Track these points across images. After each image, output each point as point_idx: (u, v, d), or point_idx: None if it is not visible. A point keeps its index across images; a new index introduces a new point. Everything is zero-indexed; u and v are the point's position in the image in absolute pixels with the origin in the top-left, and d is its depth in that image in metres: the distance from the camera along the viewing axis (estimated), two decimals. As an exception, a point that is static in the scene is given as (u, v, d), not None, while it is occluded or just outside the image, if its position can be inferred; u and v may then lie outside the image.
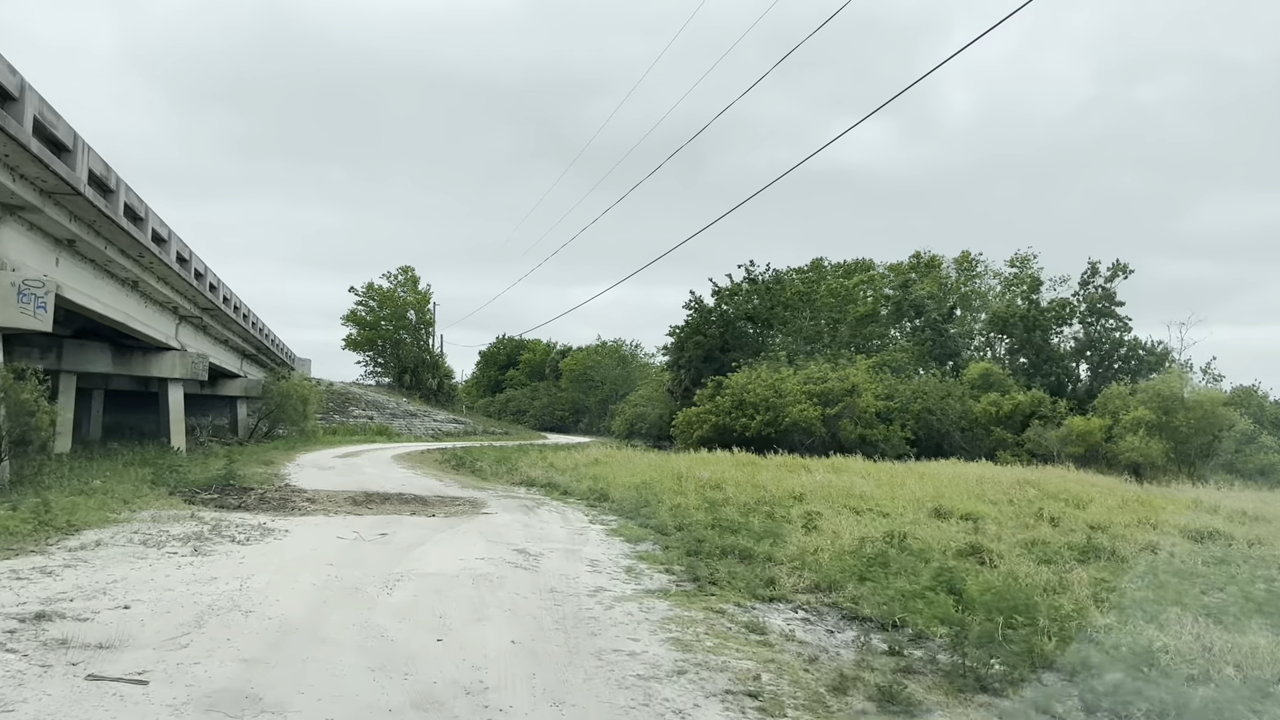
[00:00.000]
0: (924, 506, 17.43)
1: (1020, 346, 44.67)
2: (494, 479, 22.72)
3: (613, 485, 19.00)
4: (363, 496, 16.36)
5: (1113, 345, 43.18)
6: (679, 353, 50.59)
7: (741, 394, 33.09)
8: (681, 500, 16.47)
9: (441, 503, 16.09)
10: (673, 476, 20.26)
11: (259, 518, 12.26)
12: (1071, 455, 34.92)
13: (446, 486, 19.73)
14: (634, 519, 14.63)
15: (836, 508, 16.32)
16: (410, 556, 9.42)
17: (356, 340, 63.80)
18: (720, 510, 15.52)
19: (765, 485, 18.54)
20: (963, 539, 12.32)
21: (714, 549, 10.75)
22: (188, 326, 27.59)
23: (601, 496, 17.84)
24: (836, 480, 19.98)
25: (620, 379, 77.97)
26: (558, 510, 15.73)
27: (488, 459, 29.10)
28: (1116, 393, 38.09)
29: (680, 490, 18.29)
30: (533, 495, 18.75)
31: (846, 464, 23.79)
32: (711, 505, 16.03)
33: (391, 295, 63.10)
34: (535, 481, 21.05)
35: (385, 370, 64.76)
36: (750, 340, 48.87)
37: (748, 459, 24.46)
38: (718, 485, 18.80)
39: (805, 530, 12.87)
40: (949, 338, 49.38)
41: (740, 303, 49.63)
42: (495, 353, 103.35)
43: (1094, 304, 43.68)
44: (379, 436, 46.76)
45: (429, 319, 64.68)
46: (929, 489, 19.72)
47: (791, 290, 52.22)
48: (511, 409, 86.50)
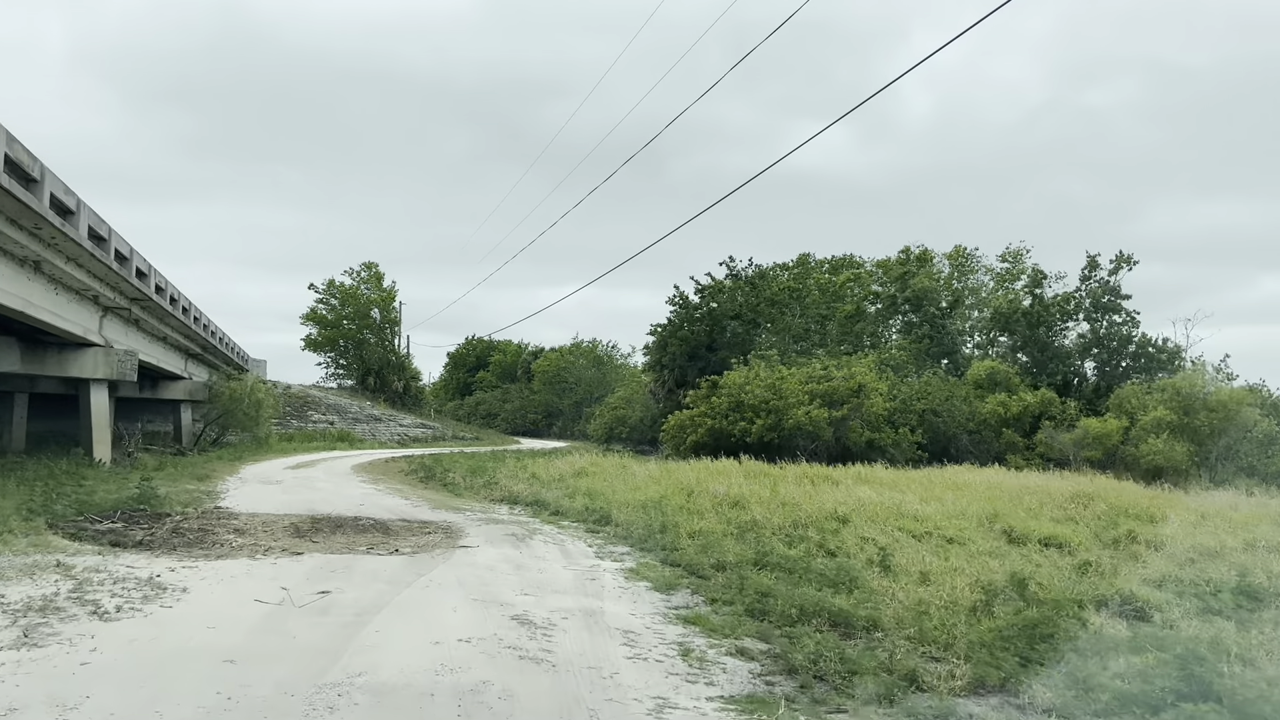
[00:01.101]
0: (988, 527, 14.61)
1: (1024, 344, 42.15)
2: (469, 494, 19.57)
3: (613, 503, 15.95)
4: (308, 523, 13.16)
5: (1121, 342, 40.81)
6: (661, 352, 47.63)
7: (739, 394, 30.15)
8: (702, 524, 13.48)
9: (408, 530, 12.94)
10: (680, 491, 17.26)
11: (156, 564, 9.06)
12: (1088, 459, 32.47)
13: (414, 506, 16.55)
14: (651, 551, 11.61)
15: (889, 531, 13.42)
16: (359, 640, 6.29)
17: (317, 340, 60.00)
18: (752, 537, 12.55)
19: (795, 502, 15.59)
20: (1094, 584, 9.44)
21: (785, 607, 7.76)
22: (115, 320, 24.12)
23: (602, 519, 14.79)
24: (871, 495, 17.08)
25: (595, 381, 74.83)
26: (553, 539, 12.65)
27: (460, 469, 25.92)
28: (1133, 391, 35.72)
29: (694, 509, 15.30)
30: (518, 516, 15.64)
31: (871, 473, 20.91)
32: (740, 531, 13.05)
33: (354, 293, 59.39)
34: (519, 498, 17.92)
35: (348, 372, 61.02)
36: (738, 338, 46.02)
37: (758, 469, 21.51)
38: (738, 503, 15.83)
39: (881, 571, 9.94)
40: (948, 335, 46.88)
41: (726, 299, 46.77)
42: (464, 354, 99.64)
43: (1098, 298, 41.30)
44: (340, 443, 43.26)
45: (394, 318, 61.03)
46: (975, 503, 16.91)
47: (778, 286, 49.52)
48: (482, 412, 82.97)
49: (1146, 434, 32.50)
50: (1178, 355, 41.09)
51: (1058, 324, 42.22)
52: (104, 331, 22.96)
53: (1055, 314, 41.94)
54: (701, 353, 46.58)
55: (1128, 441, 32.97)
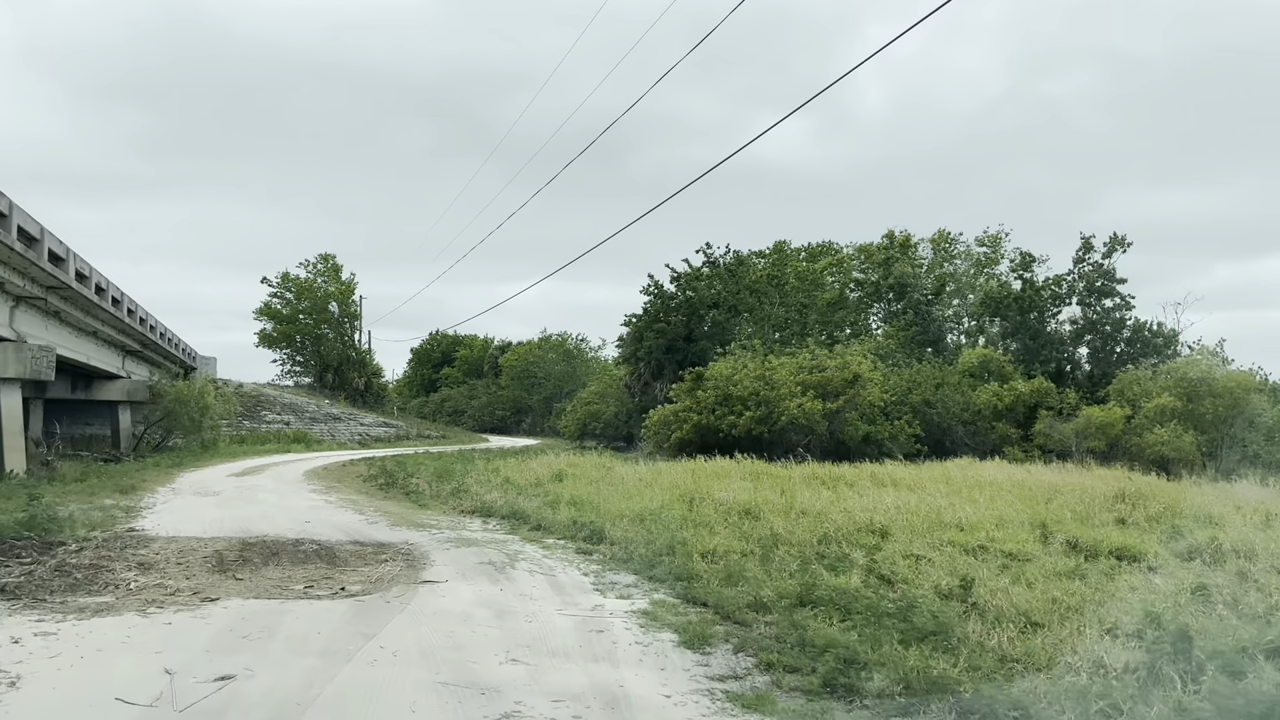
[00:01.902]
0: (1042, 535, 12.53)
1: (1015, 330, 40.46)
2: (435, 504, 17.17)
3: (604, 515, 13.67)
4: (237, 551, 10.74)
5: (1115, 326, 39.27)
6: (636, 344, 45.41)
7: (726, 387, 27.96)
8: (715, 541, 11.25)
9: (360, 558, 10.56)
10: (679, 499, 15.02)
11: (7, 624, 6.63)
12: (1091, 450, 30.76)
13: (370, 523, 14.13)
14: (663, 582, 9.35)
15: (938, 545, 11.28)
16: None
17: (271, 336, 56.85)
18: (782, 558, 10.36)
19: (816, 511, 13.41)
20: (1257, 630, 7.33)
21: (884, 682, 5.54)
22: (31, 311, 21.38)
23: (594, 535, 12.50)
24: (897, 499, 14.96)
25: (566, 375, 72.38)
26: (539, 565, 10.34)
27: (425, 473, 23.50)
28: (1135, 378, 34.12)
29: (700, 520, 13.06)
30: (493, 533, 13.29)
31: (885, 472, 18.76)
32: (764, 550, 10.84)
33: (310, 286, 56.30)
34: (493, 509, 15.56)
35: (305, 369, 57.96)
36: (718, 328, 43.91)
37: (759, 469, 19.33)
38: (749, 512, 13.62)
39: (964, 608, 7.77)
40: (933, 322, 45.11)
41: (703, 288, 44.61)
42: (428, 350, 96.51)
43: (1092, 282, 39.70)
44: (295, 444, 40.47)
45: (354, 311, 58.03)
46: (1011, 506, 14.86)
47: (756, 274, 47.46)
48: (448, 409, 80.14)
49: (1150, 422, 30.92)
50: (1174, 340, 39.66)
51: (1049, 309, 40.61)
52: (15, 324, 20.23)
53: (1047, 298, 40.31)
54: (679, 344, 44.44)
55: (1130, 430, 31.34)
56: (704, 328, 44.91)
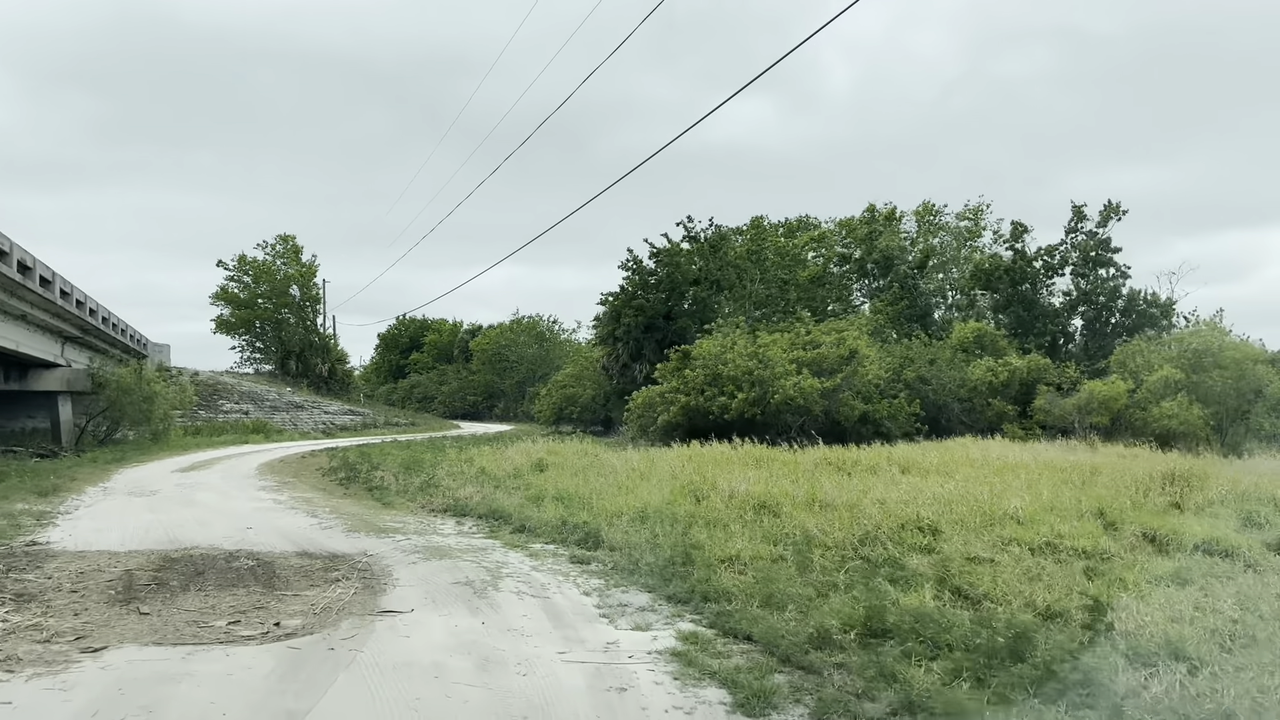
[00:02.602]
0: (1108, 526, 10.83)
1: (1007, 303, 38.98)
2: (402, 501, 15.17)
3: (599, 513, 11.76)
4: (152, 571, 8.72)
5: (1111, 297, 37.92)
6: (614, 323, 43.38)
7: (716, 366, 26.08)
8: (737, 546, 9.40)
9: (305, 577, 8.58)
10: (682, 492, 13.13)
11: None
12: (1095, 426, 29.33)
13: (323, 527, 12.10)
14: (685, 602, 7.49)
15: (999, 544, 9.51)
16: None
17: (229, 322, 54.10)
18: (817, 565, 8.54)
19: (843, 503, 11.59)
20: None
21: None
22: (-59, 294, 19.02)
23: (588, 538, 10.60)
24: (929, 486, 13.19)
25: (539, 359, 70.25)
26: (529, 583, 8.41)
27: (392, 464, 21.47)
28: (1136, 349, 32.76)
29: (710, 517, 11.20)
30: (470, 537, 11.33)
31: (905, 455, 16.96)
32: (798, 556, 9.00)
33: (269, 269, 53.59)
34: (468, 506, 13.58)
35: (266, 356, 55.31)
36: (699, 306, 42.03)
37: (762, 454, 17.49)
38: (765, 505, 11.77)
39: (1093, 640, 5.97)
40: (921, 296, 43.58)
41: (685, 263, 42.67)
42: (396, 335, 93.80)
43: (1086, 251, 38.29)
44: (255, 435, 38.11)
45: (315, 295, 55.38)
46: (1053, 491, 13.17)
47: (736, 250, 45.60)
48: (417, 396, 77.76)
49: (1154, 396, 29.56)
50: (1170, 311, 38.42)
51: (1042, 280, 39.19)
52: (-80, 307, 17.87)
53: (1040, 269, 38.88)
54: (659, 323, 42.49)
55: (1133, 405, 29.96)
56: (684, 306, 43.02)
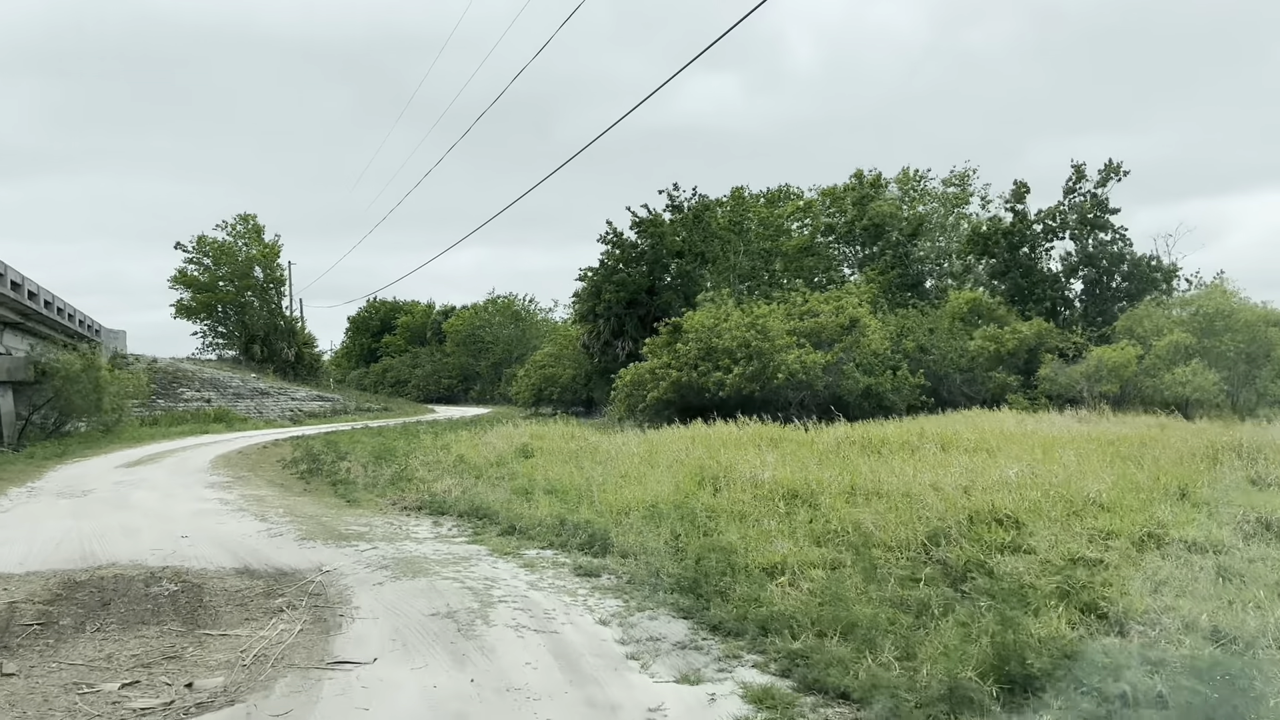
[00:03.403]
0: (1203, 508, 9.16)
1: (1005, 268, 37.39)
2: (370, 497, 13.25)
3: (601, 509, 9.93)
4: (44, 602, 6.79)
5: (1112, 260, 36.44)
6: (594, 299, 41.45)
7: (710, 339, 24.26)
8: (781, 551, 7.61)
9: (240, 607, 6.68)
10: (695, 479, 11.32)
11: None
12: (1104, 395, 27.90)
13: (273, 534, 10.17)
14: (737, 635, 5.69)
15: (1094, 538, 7.79)
16: None
17: (189, 306, 51.57)
18: (889, 575, 6.78)
19: (889, 490, 9.83)
20: None
21: None
22: None
23: (594, 542, 8.76)
24: (982, 466, 11.45)
25: (515, 339, 68.10)
26: (529, 608, 6.56)
27: (361, 453, 19.54)
28: (1144, 313, 31.38)
29: (738, 511, 9.40)
30: (450, 543, 9.45)
31: (940, 430, 15.14)
32: (861, 561, 7.22)
33: (229, 250, 51.03)
34: (446, 503, 11.69)
35: (229, 342, 52.86)
36: (683, 279, 40.21)
37: (773, 433, 15.69)
38: (797, 495, 9.99)
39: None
40: (913, 264, 41.97)
41: (668, 235, 40.78)
42: (367, 318, 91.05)
43: (1085, 213, 36.76)
44: (216, 424, 35.87)
45: (279, 276, 52.87)
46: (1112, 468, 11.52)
47: (718, 221, 43.74)
48: (390, 380, 75.37)
49: (1165, 362, 28.20)
50: (1173, 274, 37.05)
51: (1041, 243, 37.64)
52: None
53: (1039, 232, 37.31)
54: (642, 298, 40.61)
55: (1143, 371, 28.59)
56: (668, 279, 41.18)
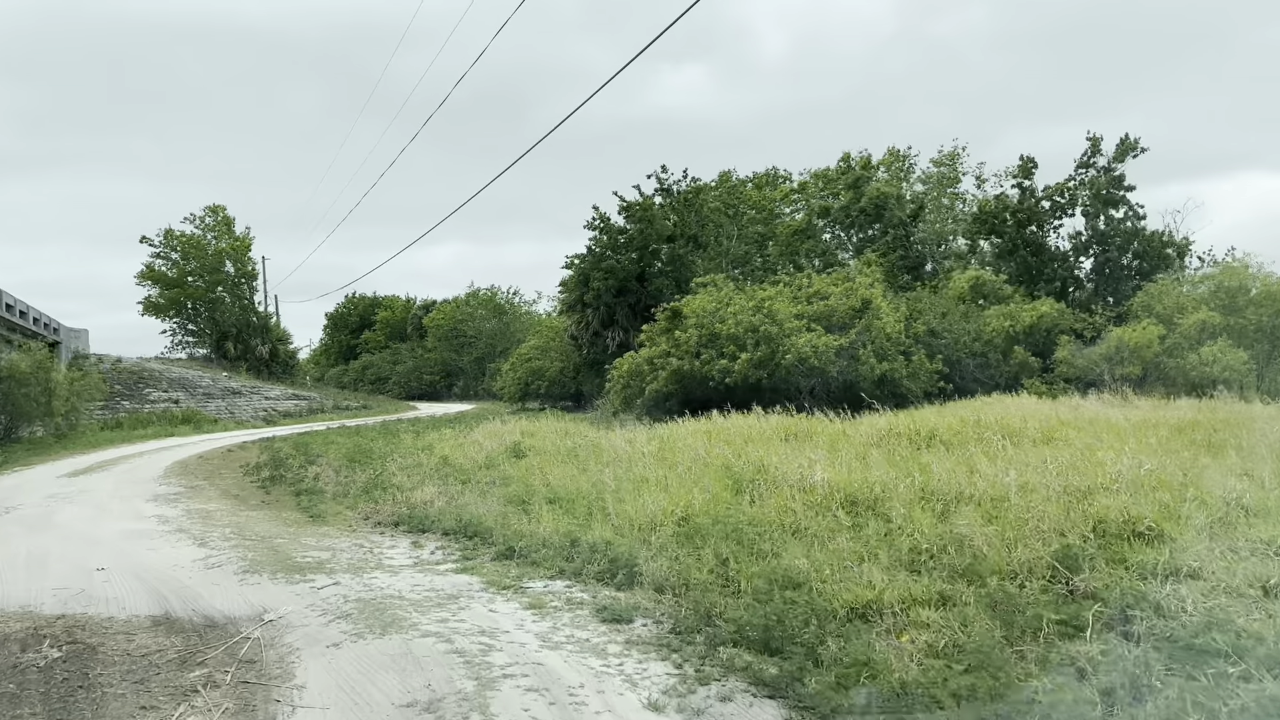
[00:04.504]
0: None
1: (1012, 248, 35.71)
2: (338, 509, 11.29)
3: (620, 523, 8.02)
4: None
5: (1126, 238, 34.82)
6: (582, 288, 39.53)
7: (712, 324, 22.39)
8: (873, 585, 5.74)
9: (137, 686, 4.75)
10: (724, 484, 9.43)
11: None
12: (1126, 377, 26.32)
13: (210, 565, 8.19)
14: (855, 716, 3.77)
15: (1258, 552, 5.97)
16: None
17: (157, 303, 49.21)
18: (1023, 620, 4.94)
19: (971, 495, 7.98)
20: None
21: None
22: None
23: (615, 570, 6.86)
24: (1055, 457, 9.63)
25: (499, 332, 66.04)
26: (544, 686, 4.67)
27: (334, 456, 17.58)
28: (1163, 290, 29.81)
29: (793, 525, 7.52)
30: (432, 573, 7.51)
31: (995, 415, 13.25)
32: (999, 603, 5.37)
33: (199, 243, 48.67)
34: (428, 517, 9.75)
35: (200, 340, 50.53)
36: (676, 265, 38.35)
37: (795, 425, 13.79)
38: (856, 501, 8.12)
39: None
40: (915, 245, 40.24)
41: (658, 219, 38.90)
42: (345, 314, 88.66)
43: (1099, 189, 35.10)
44: (184, 426, 33.70)
45: (252, 270, 50.57)
46: (1202, 458, 9.74)
47: (710, 205, 41.91)
48: (370, 377, 73.14)
49: (1189, 341, 26.69)
50: (1186, 250, 35.53)
51: (1049, 221, 35.99)
52: None
53: (1048, 210, 35.64)
54: (632, 285, 38.71)
55: (1165, 351, 27.03)
56: (658, 266, 39.31)
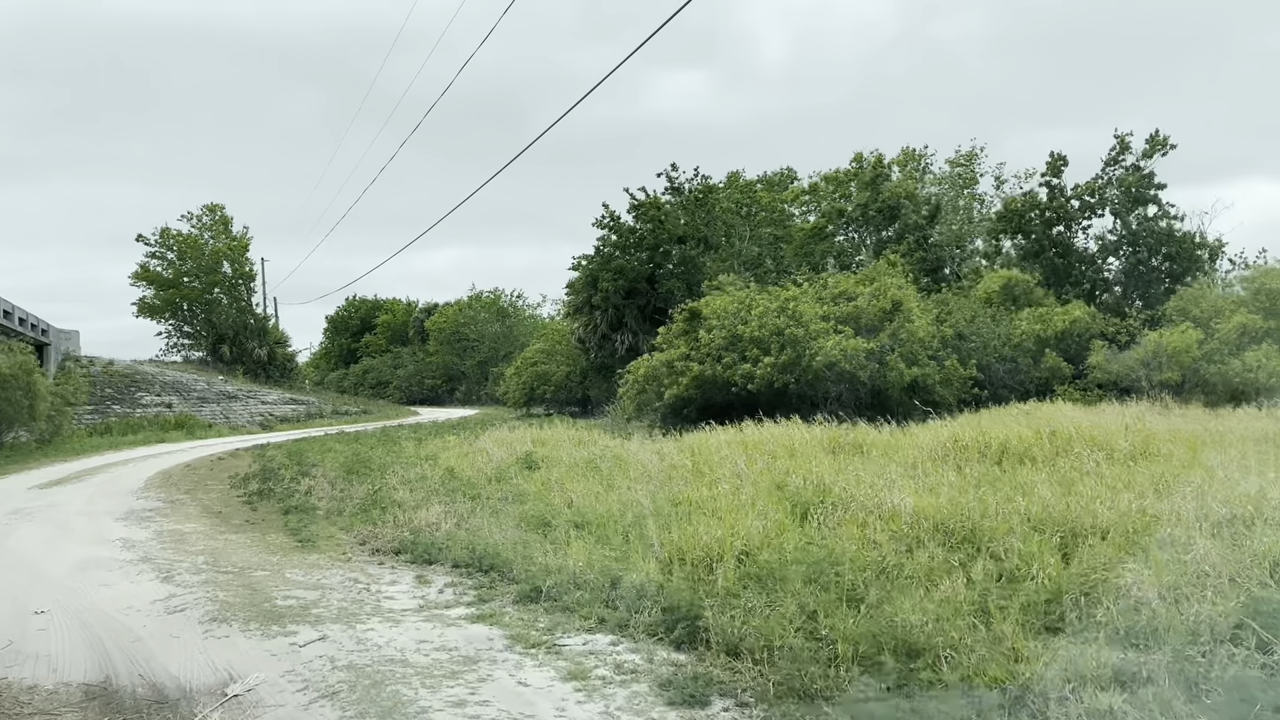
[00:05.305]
0: None
1: (1039, 248, 34.35)
2: (332, 531, 9.89)
3: (666, 555, 6.63)
4: None
5: (1159, 239, 33.45)
6: (590, 289, 38.25)
7: (734, 325, 21.00)
8: (1005, 655, 4.35)
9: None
10: (780, 505, 8.04)
11: None
12: (1165, 383, 24.99)
13: (170, 609, 6.78)
14: None
15: None
16: None
17: (152, 305, 47.87)
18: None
19: (1110, 527, 6.58)
20: None
21: None
22: None
23: (673, 624, 5.45)
24: (1162, 475, 8.23)
25: (502, 336, 64.70)
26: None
27: (330, 466, 16.20)
28: (1200, 294, 28.54)
29: (876, 563, 6.12)
30: (442, 624, 6.11)
31: (1087, 429, 11.81)
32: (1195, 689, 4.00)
33: (195, 242, 47.33)
34: (435, 544, 8.33)
35: (196, 342, 49.19)
36: (688, 267, 37.05)
37: (847, 436, 12.41)
38: (954, 534, 6.72)
39: None
40: (934, 247, 38.89)
41: (669, 218, 37.61)
42: (346, 318, 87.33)
43: (1129, 187, 33.74)
44: (175, 432, 32.33)
45: (249, 271, 49.23)
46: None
47: (723, 205, 40.65)
48: (370, 381, 71.79)
49: (1230, 346, 25.45)
50: (1219, 252, 34.20)
51: (1079, 220, 34.66)
52: None
53: (1077, 209, 34.30)
54: (641, 287, 37.39)
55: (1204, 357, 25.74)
56: (669, 267, 38.02)
